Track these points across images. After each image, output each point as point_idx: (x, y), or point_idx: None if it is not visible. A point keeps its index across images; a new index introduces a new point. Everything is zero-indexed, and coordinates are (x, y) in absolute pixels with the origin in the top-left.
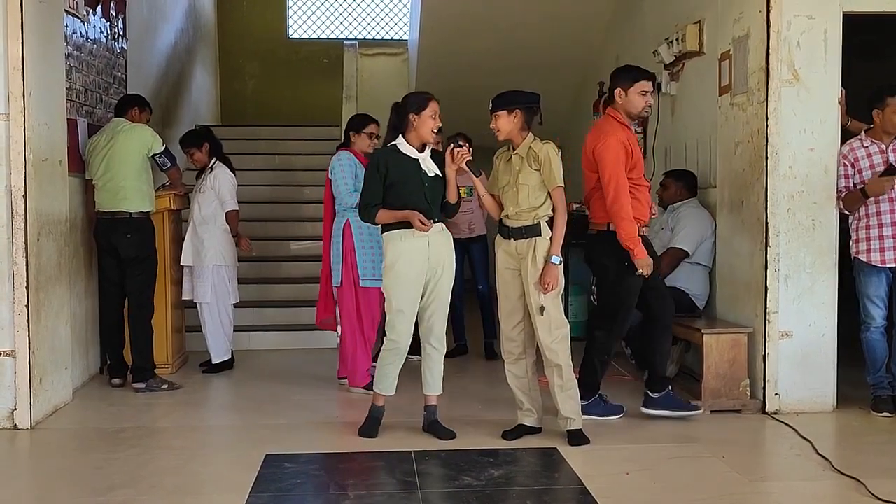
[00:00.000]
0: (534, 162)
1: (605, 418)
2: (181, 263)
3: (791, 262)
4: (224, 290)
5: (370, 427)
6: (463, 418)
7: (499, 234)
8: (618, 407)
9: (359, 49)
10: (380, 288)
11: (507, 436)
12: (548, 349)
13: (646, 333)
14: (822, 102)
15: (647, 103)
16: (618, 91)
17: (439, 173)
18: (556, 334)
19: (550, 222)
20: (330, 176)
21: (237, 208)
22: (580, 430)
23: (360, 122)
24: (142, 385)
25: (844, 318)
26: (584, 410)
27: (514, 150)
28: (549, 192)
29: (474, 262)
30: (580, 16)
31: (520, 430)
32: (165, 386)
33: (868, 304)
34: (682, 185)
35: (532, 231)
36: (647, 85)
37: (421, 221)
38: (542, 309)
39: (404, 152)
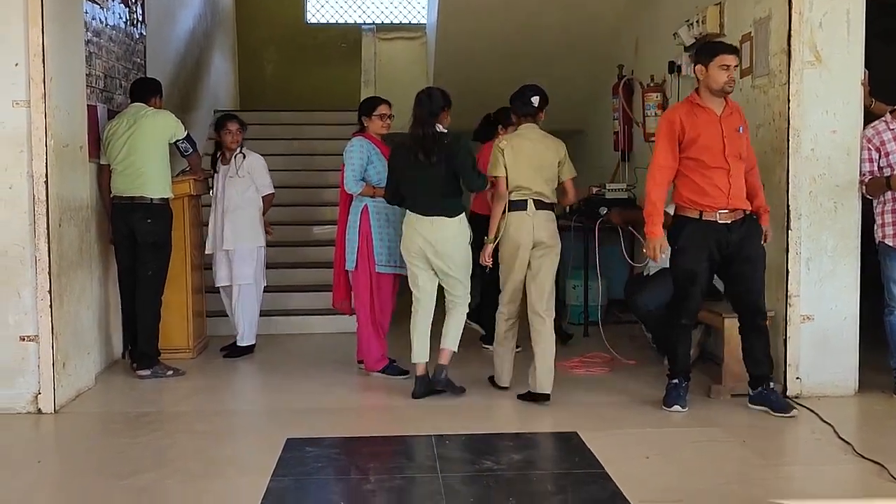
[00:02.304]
0: None
1: None
2: (224, 248)
3: (813, 245)
4: (261, 271)
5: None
6: (483, 402)
7: None
8: None
9: (377, 33)
10: (392, 274)
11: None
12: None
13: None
14: (844, 84)
15: (729, 77)
16: (698, 68)
17: None
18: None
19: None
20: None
21: (274, 191)
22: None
23: (369, 105)
24: (147, 372)
25: (866, 301)
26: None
27: None
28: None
29: None
30: None
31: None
32: (170, 372)
33: (893, 286)
34: None
35: None
36: (727, 59)
37: None
38: None
39: None
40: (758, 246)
